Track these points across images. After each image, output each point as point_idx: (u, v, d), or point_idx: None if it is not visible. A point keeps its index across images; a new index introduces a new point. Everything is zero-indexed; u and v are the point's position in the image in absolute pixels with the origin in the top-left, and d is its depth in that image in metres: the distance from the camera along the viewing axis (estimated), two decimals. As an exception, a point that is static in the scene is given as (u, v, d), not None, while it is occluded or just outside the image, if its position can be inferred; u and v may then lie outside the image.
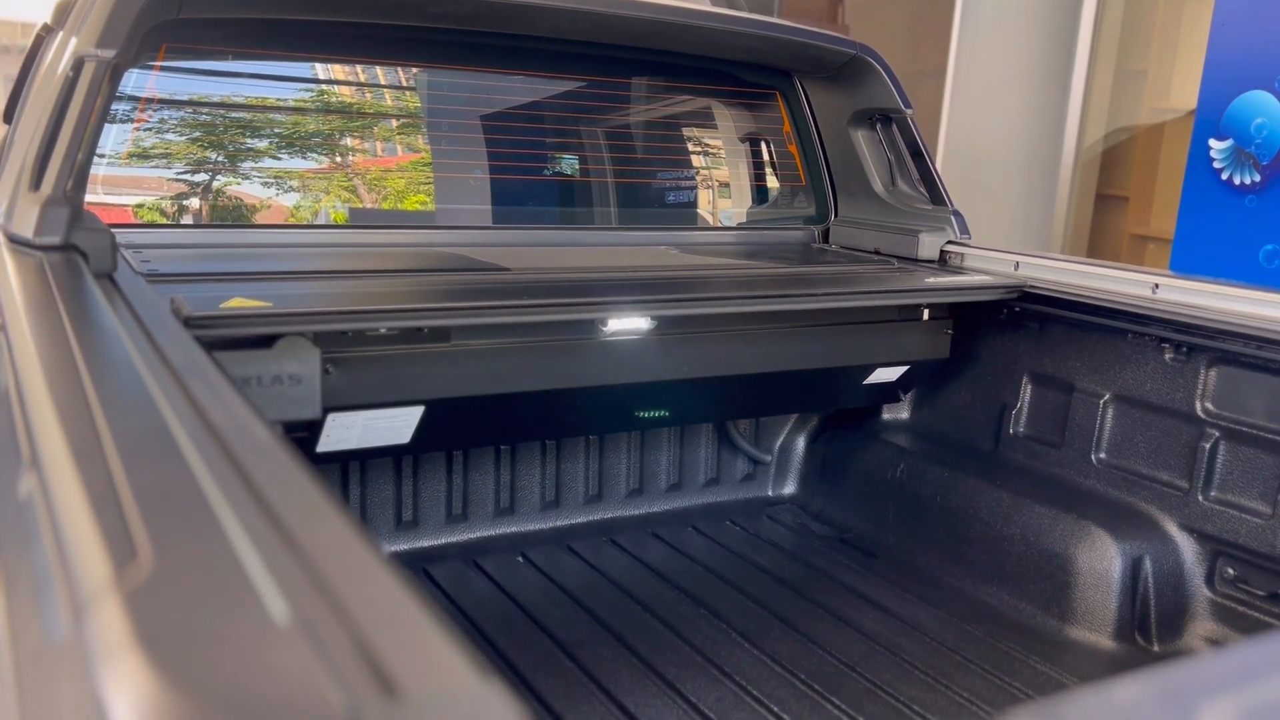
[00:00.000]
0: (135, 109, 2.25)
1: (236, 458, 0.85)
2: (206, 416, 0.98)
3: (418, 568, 2.34)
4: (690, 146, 2.91)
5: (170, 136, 2.29)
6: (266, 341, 1.68)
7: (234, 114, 2.34)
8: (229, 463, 0.83)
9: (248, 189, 2.39)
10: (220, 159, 2.34)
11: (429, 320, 1.74)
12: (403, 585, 0.67)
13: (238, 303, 1.58)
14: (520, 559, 2.43)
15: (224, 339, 1.64)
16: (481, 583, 2.31)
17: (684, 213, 2.86)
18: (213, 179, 2.34)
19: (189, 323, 1.45)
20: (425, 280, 2.04)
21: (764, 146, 2.91)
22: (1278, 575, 1.98)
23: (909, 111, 2.65)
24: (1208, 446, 2.08)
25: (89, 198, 2.15)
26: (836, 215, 2.86)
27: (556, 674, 1.94)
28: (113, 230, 1.72)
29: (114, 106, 2.17)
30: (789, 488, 2.90)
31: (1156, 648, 2.09)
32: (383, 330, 1.80)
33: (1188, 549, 2.12)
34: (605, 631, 2.11)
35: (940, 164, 4.68)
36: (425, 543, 2.44)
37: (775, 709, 1.85)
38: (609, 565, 2.43)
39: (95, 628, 0.49)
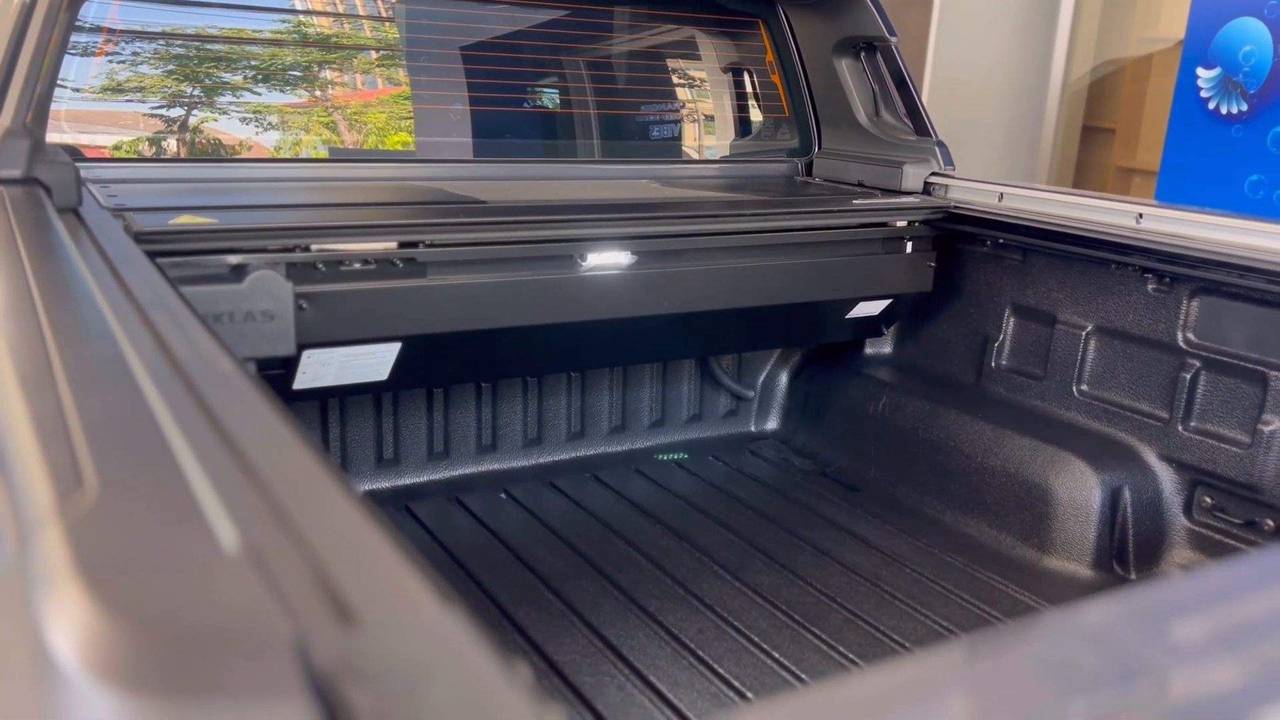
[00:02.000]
0: (100, 41, 2.18)
1: (197, 389, 0.83)
2: (169, 348, 0.96)
3: (400, 505, 2.34)
4: (672, 78, 2.85)
5: (140, 69, 2.23)
6: (238, 276, 1.65)
7: (206, 46, 2.27)
8: (189, 394, 0.81)
9: (221, 124, 2.34)
10: (192, 92, 2.28)
11: (389, 238, 1.70)
12: (367, 515, 0.66)
13: (186, 219, 1.54)
14: (503, 496, 2.43)
15: (194, 275, 1.61)
16: (464, 519, 2.31)
17: (666, 146, 2.82)
18: (184, 113, 2.28)
19: (140, 238, 1.42)
20: (398, 209, 2.00)
21: (747, 78, 2.85)
22: (1255, 504, 1.99)
23: (893, 40, 2.60)
24: (1188, 377, 2.07)
25: (55, 135, 2.10)
26: (820, 148, 2.82)
27: (539, 607, 1.94)
28: (78, 164, 1.68)
29: (79, 39, 2.10)
30: (771, 423, 2.90)
31: (1134, 576, 2.11)
32: (354, 264, 1.76)
33: (1167, 479, 2.13)
34: (587, 565, 2.11)
35: (925, 96, 4.61)
36: (407, 480, 2.43)
37: (756, 639, 1.86)
38: (592, 501, 2.43)
39: (36, 556, 0.48)
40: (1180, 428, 2.09)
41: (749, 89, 2.86)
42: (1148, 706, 0.51)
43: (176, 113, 2.34)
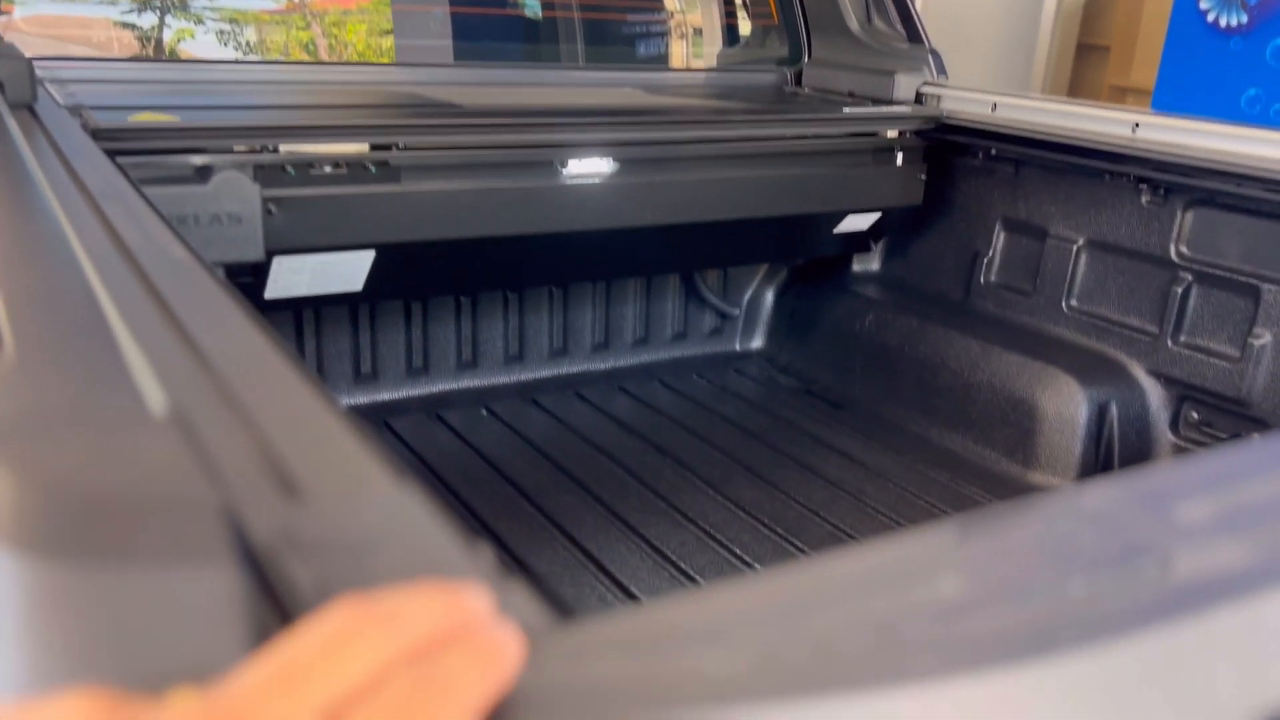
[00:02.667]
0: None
1: (144, 271, 0.78)
2: (119, 236, 0.91)
3: (379, 421, 2.30)
4: (657, -16, 2.75)
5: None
6: (203, 177, 1.59)
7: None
8: (134, 275, 0.76)
9: (194, 38, 2.24)
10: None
11: (361, 139, 1.64)
12: (319, 394, 0.61)
13: (147, 116, 1.48)
14: (484, 412, 2.40)
15: (156, 176, 1.54)
16: (444, 435, 2.28)
17: (651, 53, 2.73)
18: (152, 19, 2.19)
19: (98, 135, 1.36)
20: (369, 113, 1.93)
21: (734, -16, 2.75)
22: (1242, 418, 1.97)
23: (887, -57, 2.50)
24: (1180, 291, 2.04)
25: (14, 36, 2.01)
26: (810, 57, 2.74)
27: (519, 520, 1.92)
28: (36, 63, 1.60)
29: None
30: (757, 341, 2.86)
31: (1118, 491, 2.10)
32: (325, 168, 1.70)
33: (1154, 394, 2.11)
34: (569, 480, 2.09)
35: (919, 9, 4.49)
36: (386, 396, 2.39)
37: (738, 551, 1.85)
38: (574, 418, 2.40)
39: (-57, 418, 0.43)
40: (1170, 342, 2.07)
41: (737, -4, 2.77)
42: (1148, 585, 0.48)
43: (147, 20, 2.25)
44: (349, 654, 0.33)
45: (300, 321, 2.25)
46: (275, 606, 0.40)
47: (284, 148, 1.66)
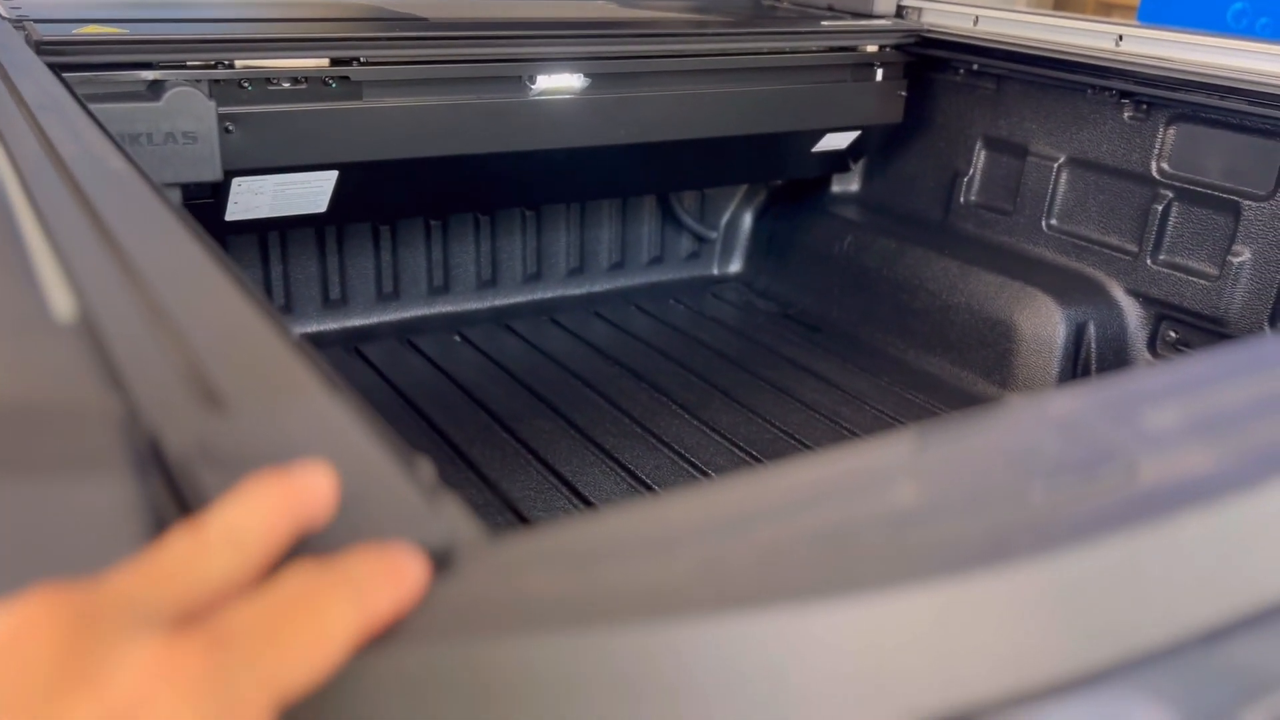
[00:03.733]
0: None
1: (75, 180, 0.74)
2: (52, 146, 0.86)
3: (349, 347, 2.27)
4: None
5: None
6: (155, 94, 1.53)
7: None
8: (64, 183, 0.73)
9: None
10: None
11: (319, 53, 1.58)
12: (254, 302, 0.58)
13: (94, 29, 1.41)
14: (457, 339, 2.36)
15: (105, 92, 1.48)
16: (416, 361, 2.25)
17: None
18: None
19: (41, 48, 1.30)
20: (328, 25, 1.86)
21: (711, -107, 2.66)
22: (1219, 336, 1.97)
23: None
24: (1160, 208, 2.02)
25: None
26: (788, -30, 2.65)
27: (493, 446, 1.90)
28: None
29: None
30: (734, 265, 2.83)
31: (1093, 411, 2.10)
32: (283, 83, 1.64)
33: (1132, 313, 2.09)
34: (544, 406, 2.07)
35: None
36: (356, 322, 2.35)
37: (711, 473, 1.84)
38: (549, 344, 2.37)
39: None
40: (1149, 261, 2.05)
41: (713, -94, 2.67)
42: (1113, 491, 0.46)
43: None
44: (238, 545, 0.31)
45: (266, 246, 2.20)
46: (185, 515, 0.38)
47: (240, 62, 1.60)
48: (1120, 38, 2.00)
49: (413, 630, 0.34)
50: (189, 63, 1.55)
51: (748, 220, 2.81)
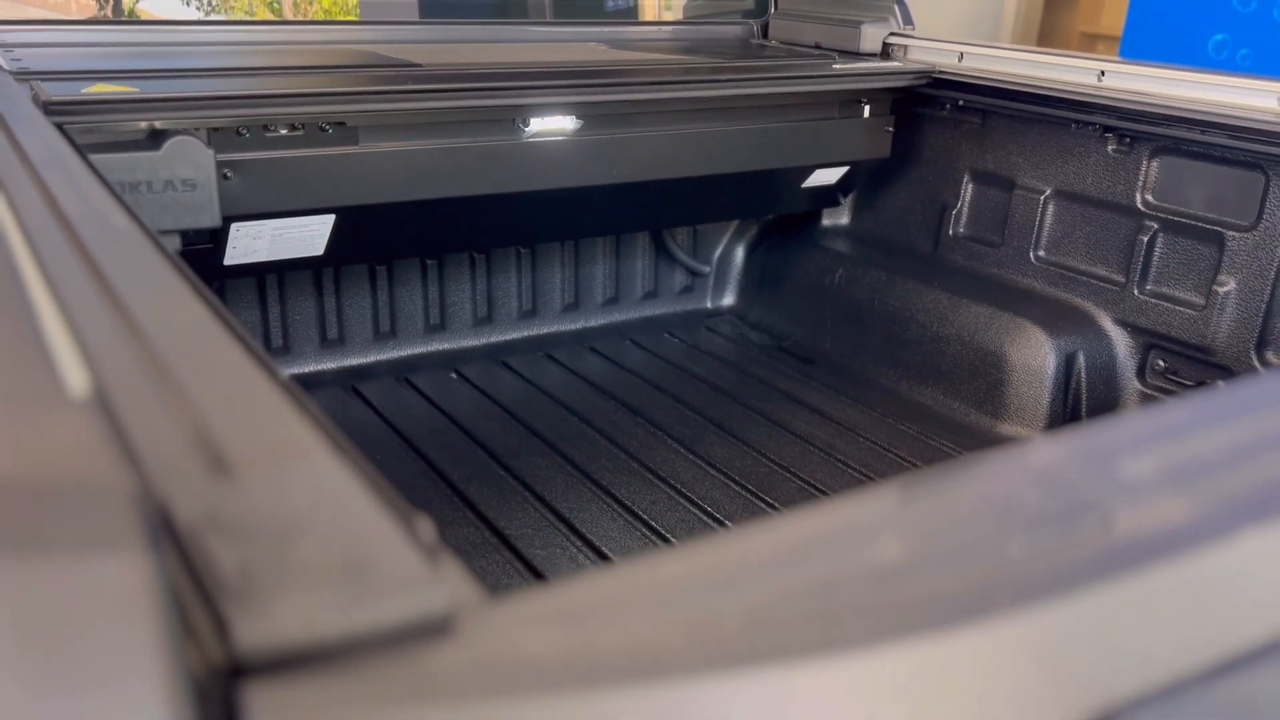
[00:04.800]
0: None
1: (80, 239, 0.76)
2: (57, 205, 0.88)
3: (347, 386, 2.28)
4: (620, -65, 2.70)
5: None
6: (155, 143, 1.55)
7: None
8: (69, 243, 0.74)
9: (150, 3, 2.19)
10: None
11: (319, 107, 1.60)
12: (258, 362, 0.60)
13: (102, 88, 1.44)
14: (453, 376, 2.38)
15: (105, 141, 1.51)
16: (413, 399, 2.26)
17: (617, 5, 2.68)
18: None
19: (49, 109, 1.32)
20: (326, 76, 1.89)
21: (699, -66, 2.71)
22: (1207, 365, 1.99)
23: (852, -110, 2.46)
24: (1146, 239, 2.05)
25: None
26: (776, 8, 2.70)
27: (490, 484, 1.92)
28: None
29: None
30: (728, 298, 2.86)
31: (1085, 440, 2.12)
32: (280, 130, 1.66)
33: (1121, 343, 2.12)
34: (540, 442, 2.08)
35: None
36: (353, 361, 2.37)
37: (709, 509, 1.85)
38: (545, 380, 2.39)
39: None
40: (1136, 291, 2.07)
41: (701, -53, 2.72)
42: (1091, 543, 0.48)
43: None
44: None
45: (263, 287, 2.22)
46: (199, 590, 0.39)
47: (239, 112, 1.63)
48: (1102, 73, 2.04)
49: (413, 693, 0.35)
50: (190, 114, 1.58)
51: (740, 254, 2.84)
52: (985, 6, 4.72)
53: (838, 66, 2.24)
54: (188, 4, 2.43)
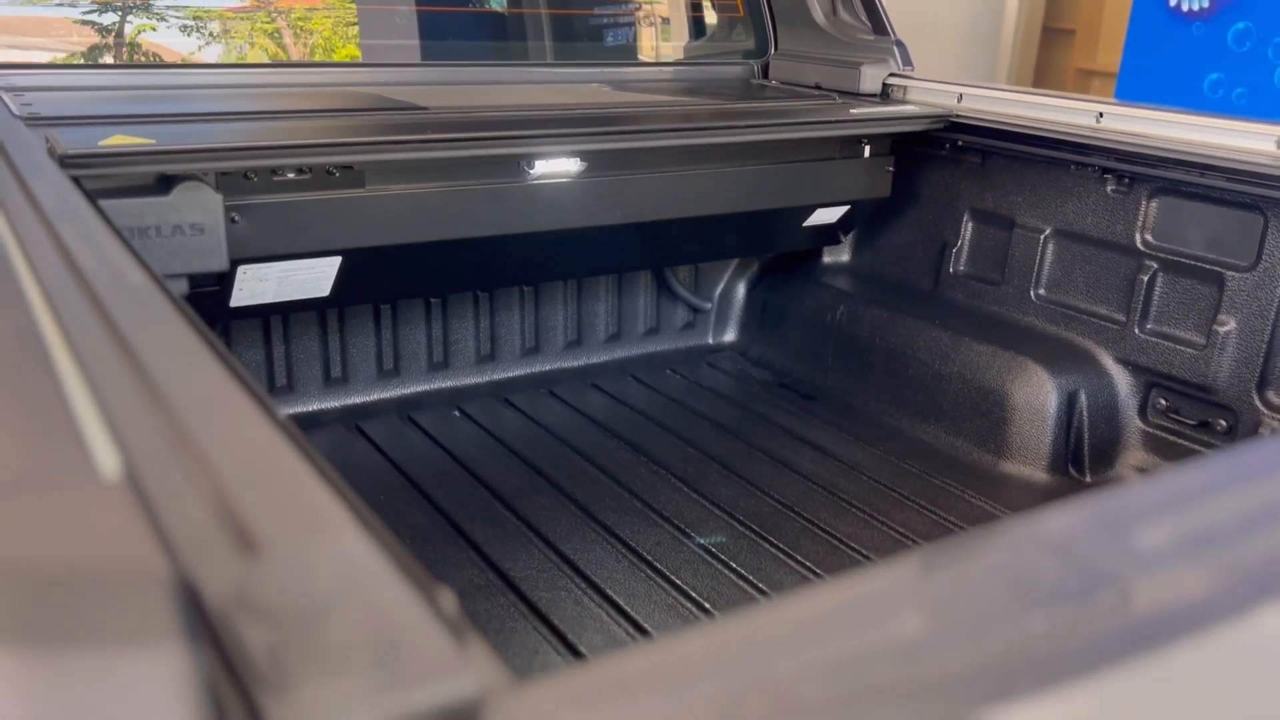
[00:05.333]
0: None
1: (98, 299, 0.77)
2: (73, 261, 0.89)
3: (350, 425, 2.28)
4: (622, -23, 2.74)
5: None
6: (164, 188, 1.56)
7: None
8: (88, 304, 0.75)
9: (153, 35, 2.21)
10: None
11: (333, 156, 1.61)
12: (281, 431, 0.61)
13: (119, 140, 1.45)
14: (456, 413, 2.38)
15: (114, 187, 1.52)
16: (416, 437, 2.27)
17: (618, 48, 2.71)
18: (113, 19, 2.15)
19: (65, 162, 1.33)
20: (334, 123, 1.91)
21: (700, -24, 2.74)
22: (1208, 404, 2.00)
23: (851, -66, 2.50)
24: (1146, 279, 2.06)
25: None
26: (776, 49, 2.73)
27: (494, 524, 1.92)
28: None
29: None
30: (729, 335, 2.87)
31: (1089, 479, 2.12)
32: (288, 174, 1.68)
33: (1122, 381, 2.12)
34: (543, 481, 2.08)
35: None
36: (357, 399, 2.37)
37: (713, 549, 1.85)
38: (547, 417, 2.39)
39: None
40: (1137, 330, 2.09)
41: (702, -12, 2.76)
42: (1110, 618, 0.48)
43: (106, 20, 2.21)
44: None
45: (268, 327, 2.22)
46: (232, 678, 0.40)
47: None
48: (1100, 115, 2.06)
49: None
50: (205, 165, 1.59)
51: (741, 291, 2.85)
52: (983, 43, 4.77)
53: (854, 111, 2.24)
54: (188, 34, 2.45)
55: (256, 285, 1.78)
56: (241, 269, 1.73)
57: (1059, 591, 0.50)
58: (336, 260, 1.82)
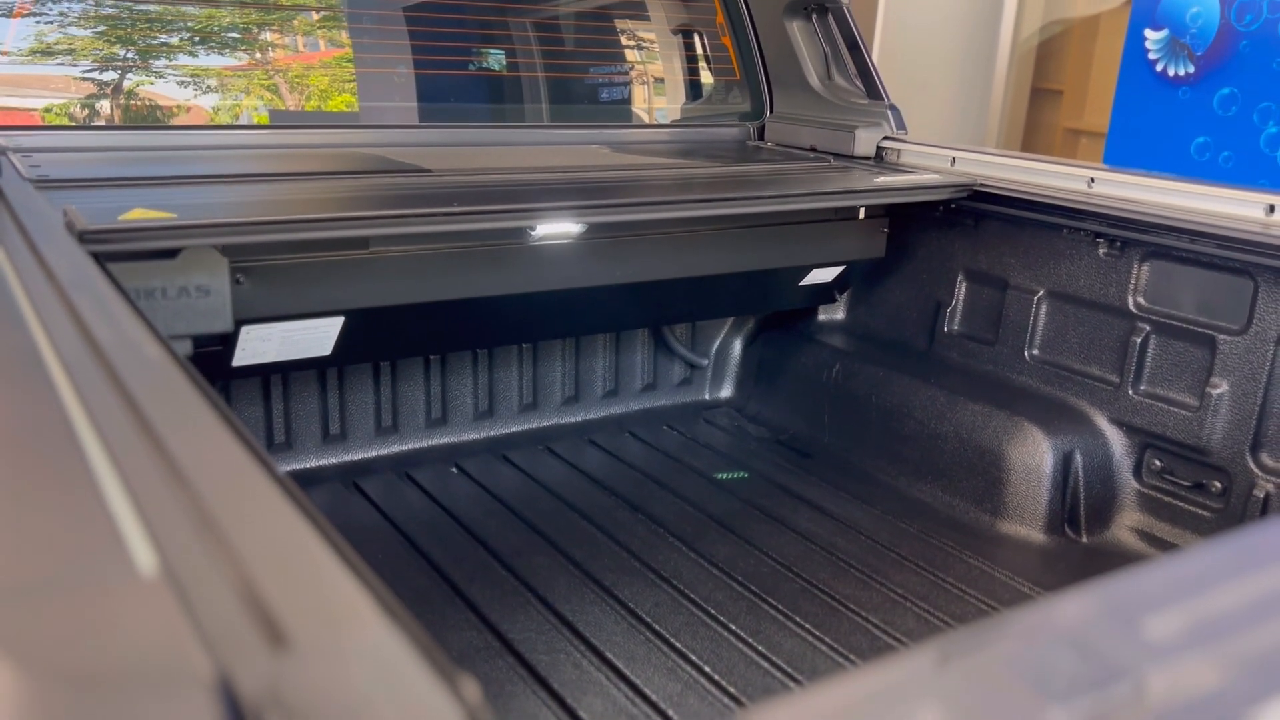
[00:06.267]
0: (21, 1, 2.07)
1: (120, 379, 0.78)
2: (90, 333, 0.90)
3: (348, 482, 2.28)
4: (621, 40, 2.79)
5: (66, 30, 2.12)
6: (171, 251, 1.58)
7: (136, 5, 2.17)
8: (110, 386, 0.76)
9: (153, 88, 2.24)
10: (122, 54, 2.18)
11: (348, 230, 1.62)
12: (305, 517, 0.61)
13: (139, 214, 1.46)
14: (454, 470, 2.39)
15: (124, 251, 1.53)
16: (414, 495, 2.26)
17: (616, 109, 2.76)
18: (114, 76, 2.18)
19: (84, 237, 1.34)
20: (341, 185, 1.93)
21: (697, 39, 2.80)
22: (1202, 465, 2.01)
23: (845, 1, 2.56)
24: (1139, 341, 2.08)
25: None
26: (772, 111, 2.78)
27: (492, 584, 1.91)
28: (-4, 133, 1.59)
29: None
30: (725, 391, 2.88)
31: (1085, 539, 2.13)
32: (299, 238, 1.69)
33: (1117, 442, 2.14)
34: (542, 540, 2.08)
35: (875, 56, 4.58)
36: (354, 456, 2.37)
37: (713, 611, 1.85)
38: (545, 474, 2.39)
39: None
40: (1130, 391, 2.11)
41: (700, 51, 2.81)
42: (1127, 710, 0.49)
43: (107, 77, 2.24)
44: None
45: (268, 384, 2.23)
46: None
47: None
48: (1092, 180, 2.10)
49: None
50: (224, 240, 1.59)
51: (737, 347, 2.87)
52: (973, 102, 4.85)
53: (880, 180, 2.21)
54: (184, 87, 2.47)
55: (259, 345, 1.79)
56: (245, 329, 1.74)
57: (1076, 685, 0.51)
58: (339, 320, 1.83)
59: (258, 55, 2.35)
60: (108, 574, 0.45)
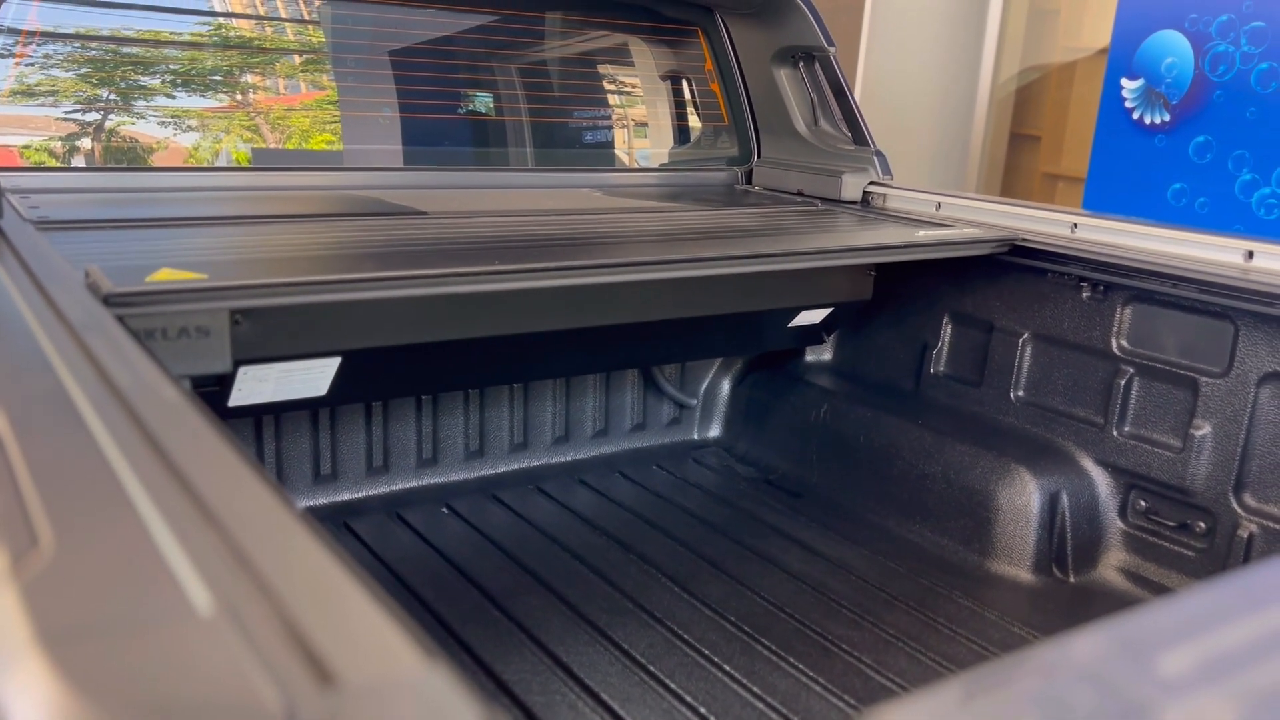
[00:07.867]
0: (17, 43, 2.09)
1: (144, 422, 0.79)
2: (109, 378, 0.92)
3: (338, 521, 2.28)
4: (609, 85, 2.84)
5: (58, 73, 2.14)
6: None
7: (126, 49, 2.19)
8: (136, 428, 0.77)
9: (144, 129, 2.26)
10: (114, 97, 2.20)
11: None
12: (334, 558, 0.63)
13: (166, 274, 1.47)
14: (445, 510, 2.39)
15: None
16: (405, 535, 2.26)
17: (604, 154, 2.80)
18: (106, 119, 2.20)
19: (110, 301, 1.33)
20: (343, 227, 1.95)
21: (685, 85, 2.85)
22: (1187, 506, 2.04)
23: (831, 50, 2.62)
24: (1122, 383, 2.12)
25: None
26: (759, 156, 2.83)
27: (485, 625, 1.91)
28: (-4, 174, 1.60)
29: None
30: (714, 431, 2.90)
31: (1072, 579, 2.15)
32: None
33: (1102, 483, 2.17)
34: (534, 581, 2.08)
35: (860, 96, 4.66)
36: (345, 496, 2.37)
37: (706, 651, 1.85)
38: (536, 514, 2.40)
39: (-10, 627, 0.44)
40: (1115, 432, 2.14)
41: (688, 97, 2.86)
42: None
43: (99, 119, 2.25)
44: None
45: (260, 424, 2.23)
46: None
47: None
48: (1075, 225, 2.15)
49: None
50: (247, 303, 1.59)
51: (726, 387, 2.90)
52: (953, 147, 4.94)
53: (922, 234, 2.16)
54: (165, 126, 2.48)
55: (255, 385, 1.80)
56: (242, 370, 1.74)
57: (1096, 720, 0.53)
58: (336, 361, 1.84)
59: (250, 96, 2.38)
60: (169, 613, 0.46)
